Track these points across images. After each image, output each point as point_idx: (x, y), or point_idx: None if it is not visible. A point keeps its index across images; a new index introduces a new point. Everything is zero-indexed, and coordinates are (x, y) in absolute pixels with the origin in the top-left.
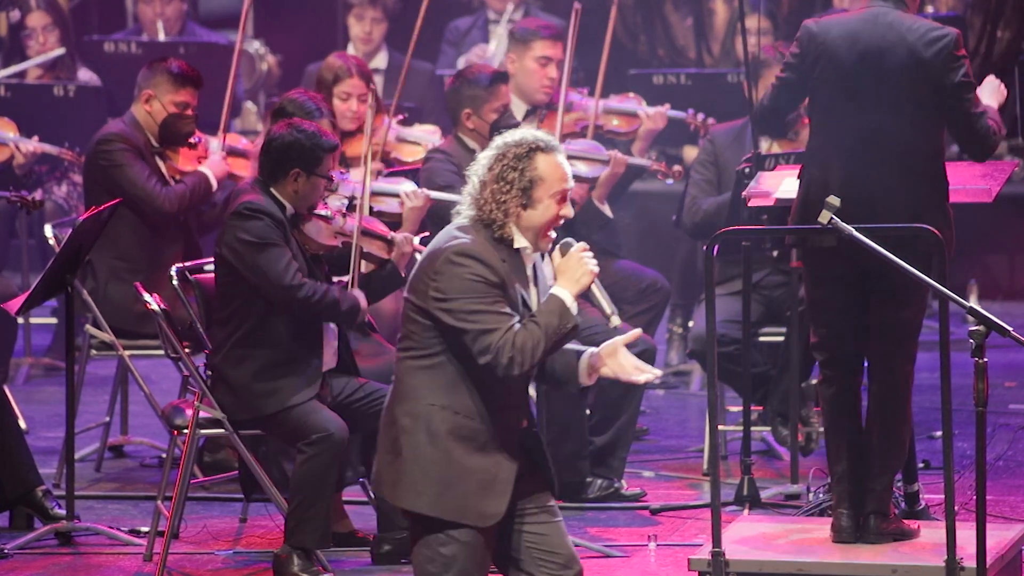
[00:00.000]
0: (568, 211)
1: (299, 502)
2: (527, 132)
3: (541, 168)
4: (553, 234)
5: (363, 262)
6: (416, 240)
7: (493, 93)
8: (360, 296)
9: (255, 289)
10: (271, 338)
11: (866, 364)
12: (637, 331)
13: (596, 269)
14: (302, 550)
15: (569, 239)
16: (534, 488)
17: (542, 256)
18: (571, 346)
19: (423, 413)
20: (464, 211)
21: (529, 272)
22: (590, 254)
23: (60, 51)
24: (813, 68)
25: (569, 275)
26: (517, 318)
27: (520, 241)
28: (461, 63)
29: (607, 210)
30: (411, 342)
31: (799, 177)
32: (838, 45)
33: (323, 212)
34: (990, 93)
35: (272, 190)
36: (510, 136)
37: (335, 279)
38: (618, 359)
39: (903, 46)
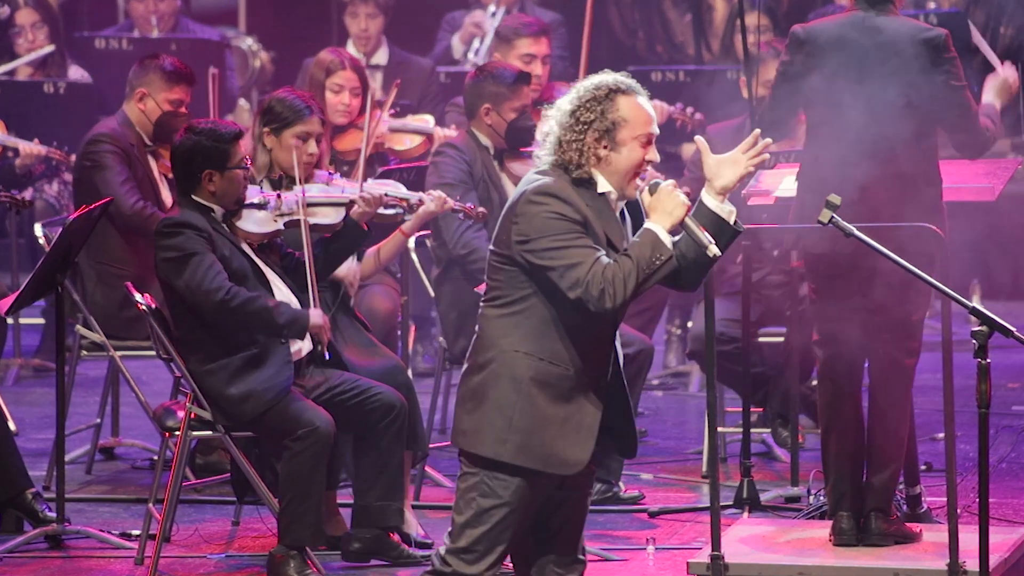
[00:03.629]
0: (654, 155)
1: (290, 499)
2: (607, 75)
3: (624, 110)
4: (639, 181)
5: (316, 233)
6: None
7: (516, 92)
8: (315, 314)
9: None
10: (231, 345)
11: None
12: (756, 133)
13: (688, 202)
14: (297, 549)
15: (657, 180)
16: (592, 463)
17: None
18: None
19: (508, 360)
20: (544, 156)
21: (618, 215)
22: (679, 190)
23: (50, 48)
24: (804, 74)
25: (661, 209)
26: (603, 252)
27: (604, 185)
28: (455, 41)
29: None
30: (497, 292)
31: (797, 179)
32: (828, 50)
33: (256, 200)
34: (995, 89)
35: (194, 197)
36: (589, 80)
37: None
38: (735, 162)
39: (892, 48)
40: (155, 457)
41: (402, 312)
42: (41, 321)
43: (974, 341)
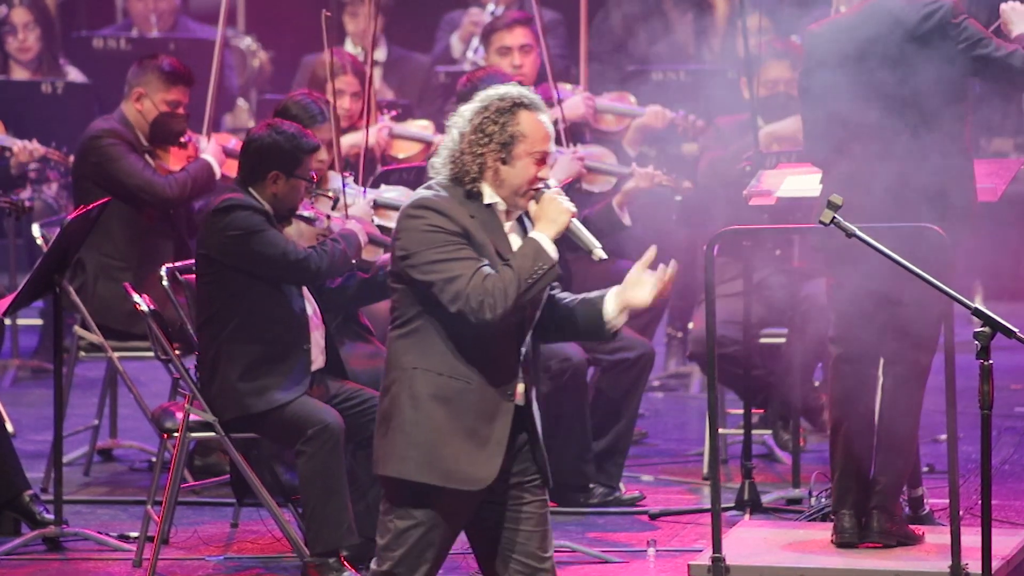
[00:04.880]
0: (546, 173)
1: (314, 505)
2: (512, 88)
3: (524, 125)
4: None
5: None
6: None
7: None
8: (355, 228)
9: (249, 282)
10: (257, 335)
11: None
12: (651, 249)
13: (573, 208)
14: (331, 554)
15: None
16: (526, 481)
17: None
18: (592, 294)
19: (407, 378)
20: (439, 167)
21: (508, 227)
22: (564, 196)
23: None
24: (819, 71)
25: (545, 217)
26: (486, 263)
27: (490, 197)
28: (455, 40)
29: (626, 218)
30: (396, 313)
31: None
32: (838, 44)
33: (306, 214)
34: (1019, 19)
35: (251, 190)
36: (495, 90)
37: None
38: (644, 286)
39: (900, 29)
40: (153, 459)
41: None
42: (39, 322)
43: (976, 342)
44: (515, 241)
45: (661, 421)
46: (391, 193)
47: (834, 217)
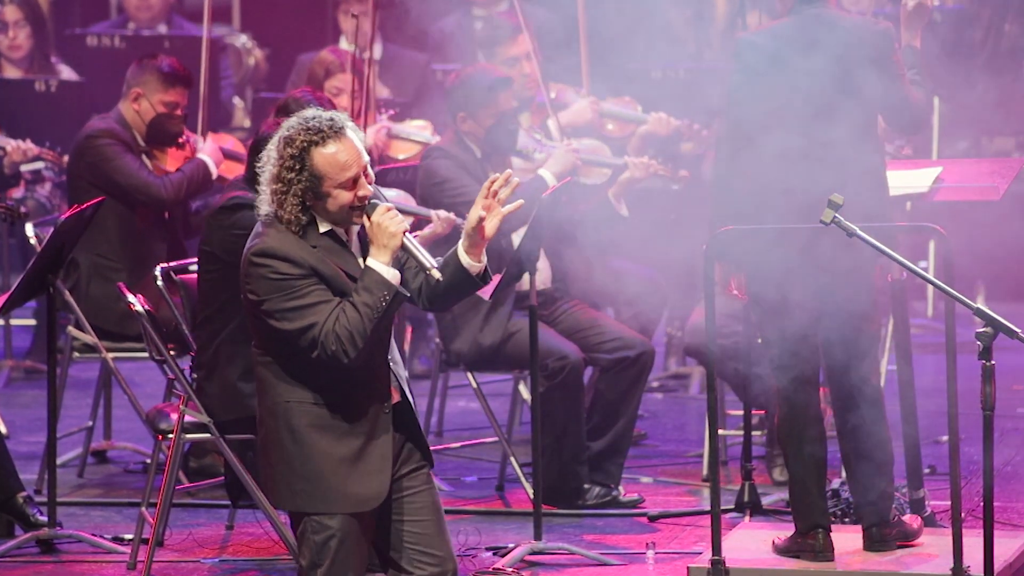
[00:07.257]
0: (365, 191)
1: None
2: (302, 122)
3: (319, 165)
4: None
5: None
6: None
7: (491, 100)
8: None
9: None
10: None
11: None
12: (507, 172)
13: (404, 226)
14: None
15: (374, 200)
16: (412, 470)
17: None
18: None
19: (282, 412)
20: (263, 204)
21: (356, 244)
22: (393, 212)
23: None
24: (757, 81)
25: (377, 243)
26: (336, 303)
27: (325, 226)
28: None
29: (623, 209)
30: (258, 340)
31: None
32: (780, 54)
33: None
34: (909, 24)
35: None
36: (286, 129)
37: None
38: (497, 213)
39: (844, 45)
40: (148, 460)
41: (398, 313)
42: (32, 322)
43: (978, 343)
44: (360, 258)
45: (660, 422)
46: (388, 194)
47: (835, 216)
